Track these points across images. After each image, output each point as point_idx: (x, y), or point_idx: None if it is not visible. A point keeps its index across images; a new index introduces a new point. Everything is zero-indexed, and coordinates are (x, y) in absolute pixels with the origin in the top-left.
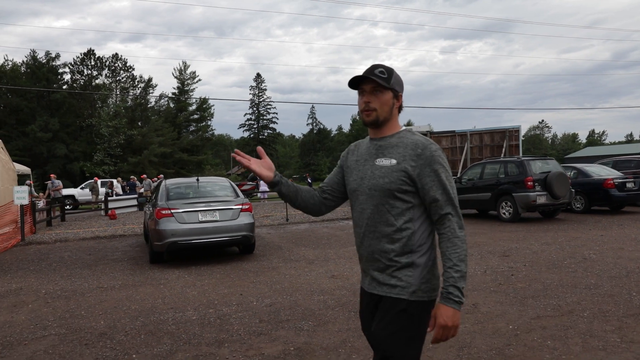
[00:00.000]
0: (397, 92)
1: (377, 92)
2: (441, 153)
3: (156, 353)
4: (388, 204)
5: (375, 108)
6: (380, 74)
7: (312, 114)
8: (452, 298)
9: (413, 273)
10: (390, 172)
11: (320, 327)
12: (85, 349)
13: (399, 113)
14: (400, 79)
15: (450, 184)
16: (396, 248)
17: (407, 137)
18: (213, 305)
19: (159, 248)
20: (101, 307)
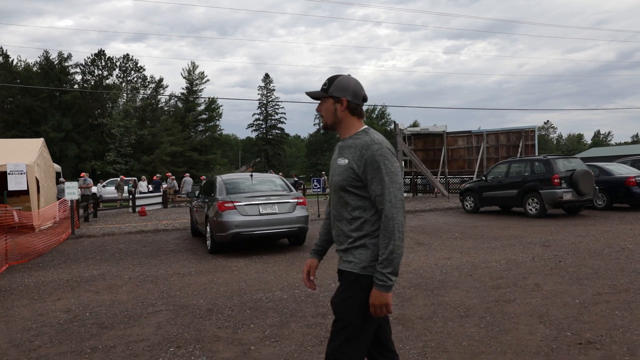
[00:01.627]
0: (338, 98)
1: (322, 101)
2: (384, 152)
3: (270, 323)
4: (344, 197)
5: (323, 115)
6: (322, 87)
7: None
8: (378, 282)
9: (365, 252)
10: (343, 170)
11: (406, 303)
12: (203, 320)
13: (353, 115)
14: (345, 84)
15: (390, 179)
16: (352, 232)
17: (360, 139)
18: (296, 287)
19: (222, 239)
20: (191, 289)
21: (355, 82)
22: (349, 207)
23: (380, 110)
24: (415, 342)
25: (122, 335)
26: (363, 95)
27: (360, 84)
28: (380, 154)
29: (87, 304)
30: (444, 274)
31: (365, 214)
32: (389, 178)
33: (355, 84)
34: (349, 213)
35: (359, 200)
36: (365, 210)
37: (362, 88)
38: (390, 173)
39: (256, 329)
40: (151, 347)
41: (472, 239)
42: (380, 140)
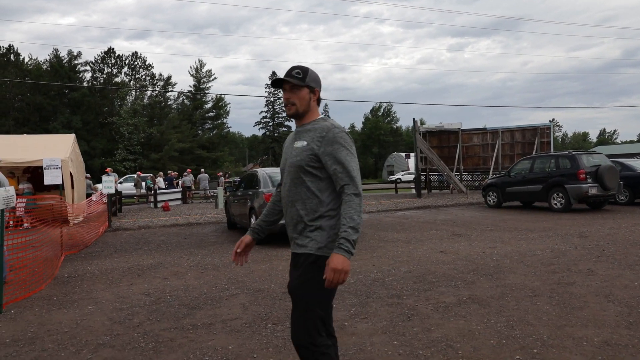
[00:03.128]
0: (313, 88)
1: (295, 89)
2: (344, 135)
3: (351, 304)
4: (300, 178)
5: (295, 103)
6: (296, 75)
7: (324, 112)
8: (343, 247)
9: (321, 233)
10: (301, 151)
11: (472, 285)
12: (283, 302)
13: (318, 105)
14: (316, 77)
15: (350, 159)
16: (308, 214)
17: (319, 123)
18: (358, 272)
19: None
20: (256, 275)
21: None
22: (304, 187)
23: (386, 109)
24: (497, 317)
25: (213, 314)
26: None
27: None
28: (341, 137)
29: (162, 289)
30: (495, 260)
31: (321, 195)
32: (350, 158)
33: (319, 76)
34: (304, 193)
35: (315, 181)
36: (322, 192)
37: None
38: (350, 154)
39: (341, 309)
40: (248, 324)
41: (507, 231)
42: (340, 125)
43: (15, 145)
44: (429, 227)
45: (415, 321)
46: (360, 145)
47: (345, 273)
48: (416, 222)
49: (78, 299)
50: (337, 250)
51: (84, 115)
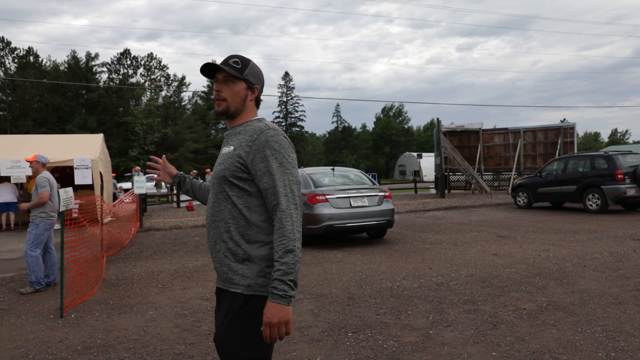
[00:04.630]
0: (252, 84)
1: (229, 81)
2: (280, 139)
3: (426, 310)
4: (225, 192)
5: (226, 98)
6: (233, 64)
7: (337, 112)
8: (276, 292)
9: (250, 266)
10: (227, 158)
11: (545, 290)
12: (353, 307)
13: (257, 106)
14: (258, 72)
15: (283, 170)
16: (233, 238)
17: (251, 125)
18: (419, 277)
19: (314, 231)
20: (312, 279)
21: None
22: (229, 204)
23: (397, 108)
24: (591, 326)
25: None
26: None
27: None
28: (276, 141)
29: None
30: (556, 264)
31: (250, 215)
32: (284, 169)
33: (262, 73)
34: (229, 212)
35: (243, 196)
36: (251, 210)
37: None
38: (286, 163)
39: (417, 315)
40: (325, 332)
41: (552, 233)
42: (277, 127)
43: (46, 145)
44: (466, 228)
45: (503, 330)
46: (371, 145)
47: (284, 324)
48: (451, 223)
49: (135, 303)
50: (271, 297)
51: (100, 115)
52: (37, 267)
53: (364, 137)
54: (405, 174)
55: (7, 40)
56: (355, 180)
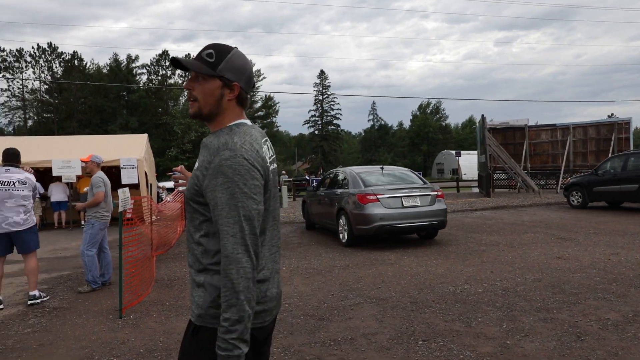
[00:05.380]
0: (229, 81)
1: (199, 78)
2: (236, 162)
3: (497, 317)
4: (189, 213)
5: (197, 98)
6: (206, 57)
7: (372, 110)
8: (220, 352)
9: (203, 294)
10: (191, 178)
11: (625, 299)
12: (418, 313)
13: (242, 106)
14: (240, 64)
15: (235, 204)
16: (194, 262)
17: (219, 137)
18: (481, 281)
19: (365, 232)
20: (368, 282)
21: (249, 62)
22: (192, 227)
23: (435, 106)
24: None
25: (347, 327)
26: (254, 83)
27: (251, 65)
28: (229, 165)
29: None
30: (632, 270)
31: (206, 241)
32: (235, 201)
33: (249, 65)
34: (191, 235)
35: (203, 220)
36: (208, 236)
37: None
38: (240, 194)
39: (489, 323)
40: (394, 339)
41: (617, 235)
42: (238, 146)
43: (93, 145)
44: (520, 229)
45: (590, 342)
46: (408, 143)
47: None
48: (502, 223)
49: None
50: (218, 355)
51: (141, 116)
52: (93, 266)
53: (400, 135)
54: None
55: (54, 46)
56: (405, 180)
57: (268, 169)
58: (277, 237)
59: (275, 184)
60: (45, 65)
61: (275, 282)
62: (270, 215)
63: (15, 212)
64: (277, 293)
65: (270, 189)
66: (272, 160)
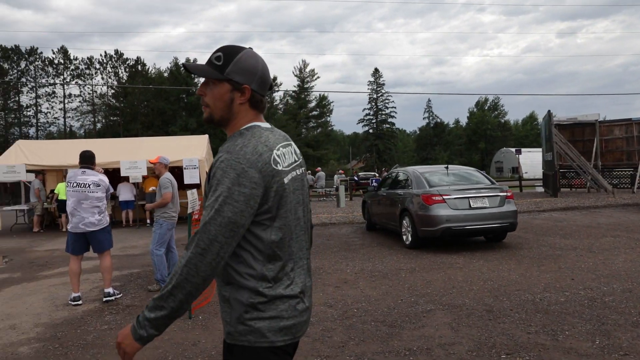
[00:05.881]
0: (239, 84)
1: (209, 83)
2: (227, 165)
3: (587, 331)
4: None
5: (208, 104)
6: (214, 61)
7: (428, 107)
8: (134, 323)
9: (229, 310)
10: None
11: None
12: (495, 322)
13: (256, 108)
14: (250, 66)
15: (220, 202)
16: (220, 275)
17: (228, 142)
18: (564, 289)
19: (430, 234)
20: (438, 287)
21: (263, 63)
22: None
23: (493, 102)
24: None
25: (421, 335)
26: (270, 83)
27: (267, 66)
28: (222, 168)
29: (342, 299)
30: None
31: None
32: (216, 204)
33: (263, 65)
34: None
35: None
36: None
37: (269, 72)
38: (218, 197)
39: (579, 337)
40: (473, 351)
41: None
42: (237, 149)
43: (157, 146)
44: (597, 232)
45: None
46: (465, 140)
47: (122, 348)
48: (575, 225)
49: None
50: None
51: (199, 117)
52: (162, 265)
53: (456, 133)
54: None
55: (120, 52)
56: (471, 180)
57: (274, 173)
58: (304, 248)
59: (297, 190)
60: (112, 71)
61: (306, 296)
62: (293, 225)
63: (90, 213)
64: (305, 308)
65: (285, 195)
66: (295, 166)
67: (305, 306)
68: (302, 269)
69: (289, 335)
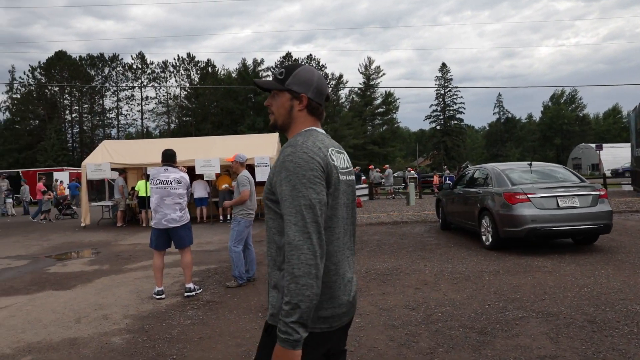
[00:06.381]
0: (297, 93)
1: (274, 94)
2: (297, 157)
3: None
4: (266, 213)
5: (273, 112)
6: (277, 76)
7: (498, 102)
8: (280, 335)
9: (276, 294)
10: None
11: None
12: (603, 335)
13: (313, 114)
14: (306, 77)
15: (297, 194)
16: (271, 262)
17: (289, 141)
18: None
19: (513, 234)
20: (527, 291)
21: (319, 75)
22: (268, 226)
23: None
24: None
25: (517, 345)
26: (326, 94)
27: (323, 79)
28: (291, 160)
29: (424, 302)
30: None
31: (280, 240)
32: (296, 192)
33: (319, 78)
34: (268, 234)
35: (276, 219)
36: (281, 235)
37: (326, 84)
38: (299, 185)
39: None
40: None
41: None
42: (300, 143)
43: (229, 145)
44: None
45: None
46: (539, 136)
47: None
48: None
49: None
50: (277, 338)
51: (266, 116)
52: (239, 262)
53: (529, 128)
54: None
55: (192, 55)
56: (558, 177)
57: (332, 165)
58: (348, 244)
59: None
60: (184, 74)
61: (347, 289)
62: (342, 222)
63: (172, 209)
64: (346, 300)
65: (338, 189)
66: (347, 171)
67: (346, 298)
68: (345, 261)
69: (326, 324)
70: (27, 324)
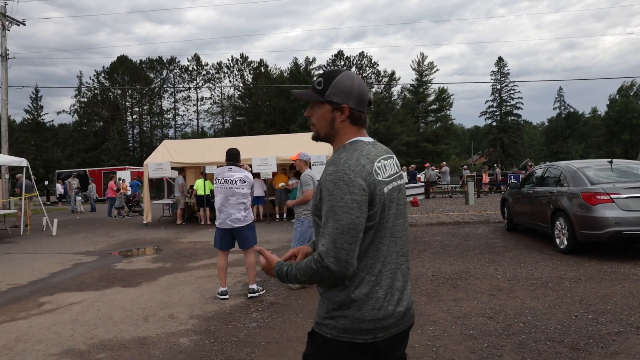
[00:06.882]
0: (338, 104)
1: (314, 105)
2: (337, 177)
3: None
4: (315, 227)
5: (314, 123)
6: (316, 86)
7: (559, 97)
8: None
9: (323, 303)
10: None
11: None
12: None
13: (356, 124)
14: (347, 87)
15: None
16: None
17: (333, 155)
18: None
19: (594, 238)
20: (617, 301)
21: (360, 82)
22: (317, 239)
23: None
24: None
25: None
26: (369, 100)
27: (364, 85)
28: (332, 180)
29: (501, 310)
30: None
31: None
32: (333, 214)
33: (360, 84)
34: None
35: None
36: None
37: (367, 89)
38: (337, 207)
39: None
40: None
41: None
42: (342, 162)
43: (284, 143)
44: None
45: None
46: (604, 132)
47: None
48: None
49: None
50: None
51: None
52: None
53: (594, 124)
54: None
55: (245, 56)
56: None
57: (376, 183)
58: (396, 254)
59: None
60: (238, 74)
61: (394, 299)
62: (389, 232)
63: (236, 209)
64: (392, 310)
65: (385, 203)
66: (395, 177)
67: (391, 309)
68: (391, 272)
69: (370, 335)
70: (98, 320)
